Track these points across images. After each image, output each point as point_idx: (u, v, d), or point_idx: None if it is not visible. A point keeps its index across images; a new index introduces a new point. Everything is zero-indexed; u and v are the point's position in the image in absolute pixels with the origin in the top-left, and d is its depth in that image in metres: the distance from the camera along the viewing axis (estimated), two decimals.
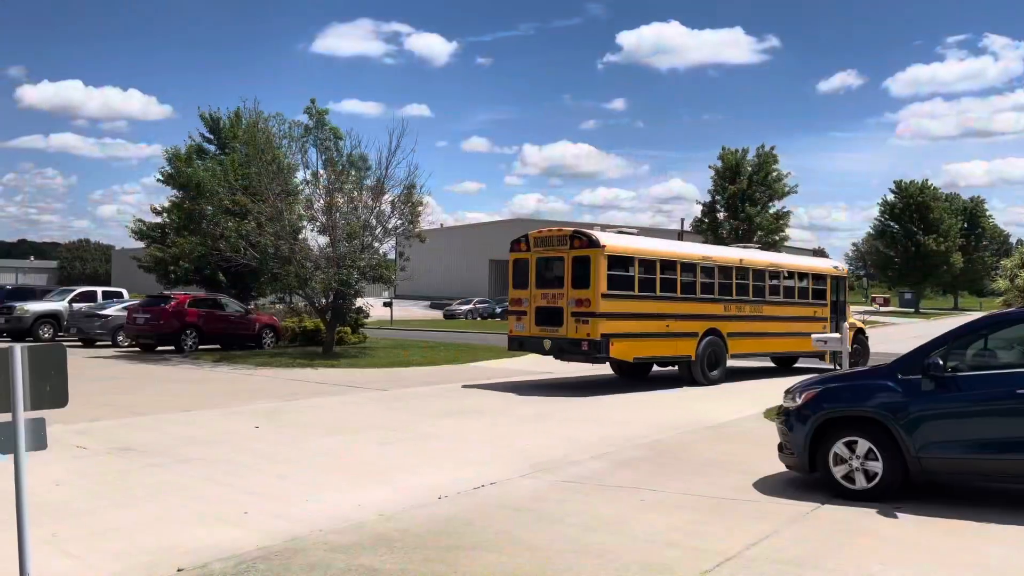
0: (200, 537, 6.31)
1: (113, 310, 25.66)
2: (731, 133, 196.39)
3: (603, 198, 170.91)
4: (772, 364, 21.86)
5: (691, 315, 17.05)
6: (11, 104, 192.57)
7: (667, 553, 5.95)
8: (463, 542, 6.21)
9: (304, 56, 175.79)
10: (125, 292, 30.63)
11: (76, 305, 26.94)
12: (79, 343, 25.37)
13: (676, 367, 17.82)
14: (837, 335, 14.31)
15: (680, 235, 63.40)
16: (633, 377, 18.25)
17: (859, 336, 20.81)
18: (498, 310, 53.46)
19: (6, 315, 26.28)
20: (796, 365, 21.71)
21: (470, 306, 53.38)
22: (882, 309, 64.84)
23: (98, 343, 25.48)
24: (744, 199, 47.38)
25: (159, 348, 23.63)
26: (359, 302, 24.68)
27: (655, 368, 18.97)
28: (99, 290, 29.48)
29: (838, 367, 16.61)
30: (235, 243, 22.16)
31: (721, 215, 48.90)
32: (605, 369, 20.07)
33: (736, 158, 48.91)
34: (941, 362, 7.04)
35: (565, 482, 8.34)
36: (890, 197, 73.36)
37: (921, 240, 69.47)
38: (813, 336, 14.42)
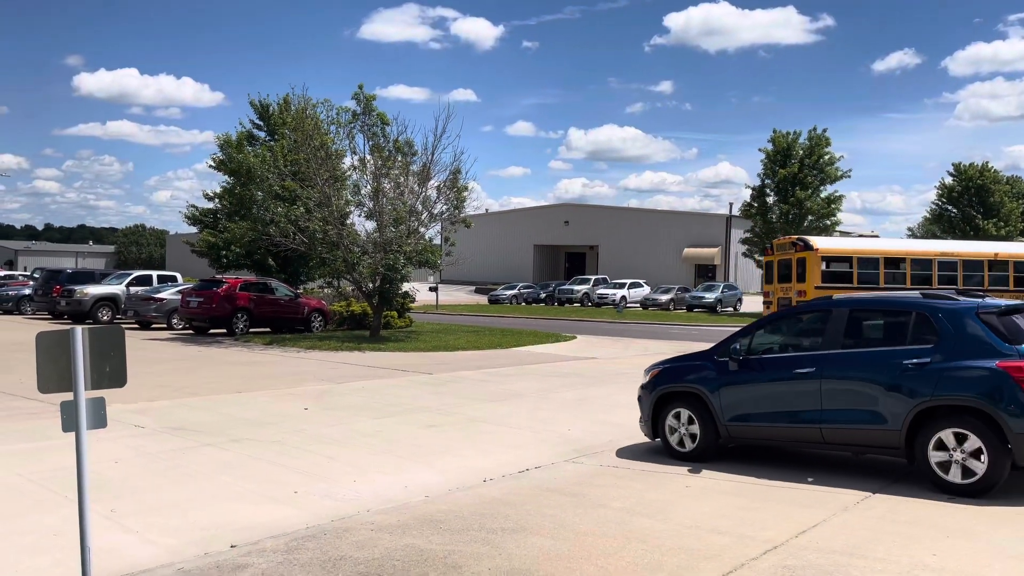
0: (252, 515, 6.47)
1: (168, 294, 26.29)
2: (782, 115, 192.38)
3: (650, 182, 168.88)
4: None
5: None
6: (69, 93, 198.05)
7: (713, 539, 5.91)
8: (508, 525, 6.26)
9: (351, 42, 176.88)
10: (179, 276, 31.36)
11: (133, 289, 27.67)
12: (136, 325, 26.09)
13: None
14: None
15: (728, 220, 62.61)
16: None
17: None
18: (542, 295, 53.33)
19: (67, 298, 27.13)
20: None
21: (515, 291, 53.27)
22: None
23: (153, 326, 26.16)
24: (795, 183, 46.34)
25: (211, 331, 24.17)
26: (405, 287, 24.87)
27: None
28: (154, 274, 30.23)
29: None
30: (284, 228, 22.50)
31: (771, 199, 47.88)
32: (649, 355, 19.90)
33: (787, 141, 47.77)
34: (738, 346, 8.31)
35: (609, 467, 8.33)
36: (948, 180, 70.99)
37: (981, 225, 67.20)
38: None
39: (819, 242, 19.72)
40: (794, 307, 8.88)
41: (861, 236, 22.66)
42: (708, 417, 8.37)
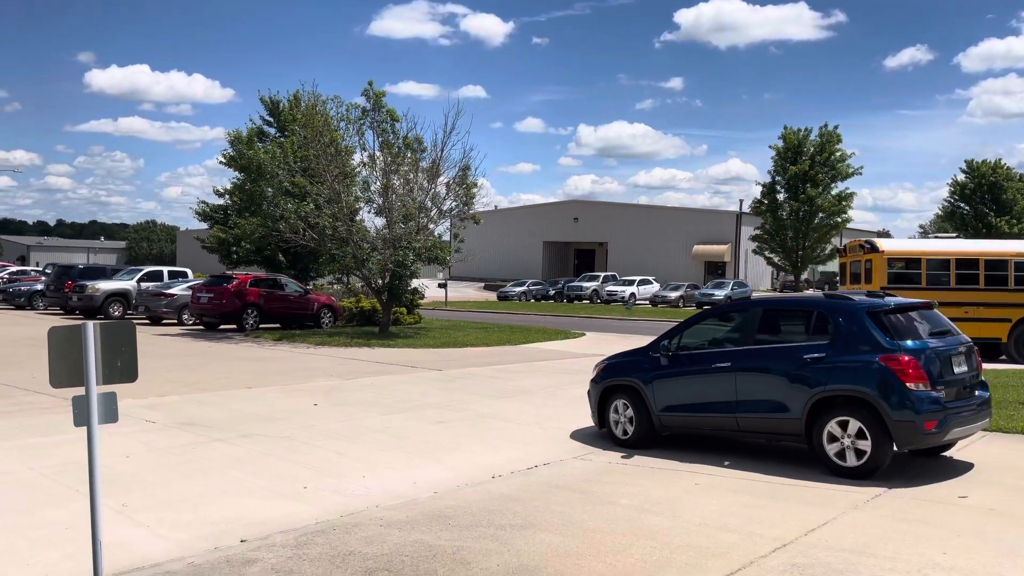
0: (261, 510, 6.50)
1: (178, 289, 26.39)
2: (793, 112, 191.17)
3: (659, 179, 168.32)
4: None
5: (998, 303, 19.21)
6: (81, 89, 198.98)
7: (721, 537, 5.90)
8: (517, 521, 6.26)
9: (361, 39, 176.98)
10: (189, 272, 31.49)
11: (144, 284, 27.80)
12: (146, 321, 26.21)
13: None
14: None
15: (738, 217, 62.38)
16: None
17: None
18: (551, 292, 53.29)
19: (78, 293, 27.28)
20: None
21: (524, 288, 53.21)
22: None
23: (164, 321, 26.29)
24: (806, 180, 46.15)
25: (222, 327, 24.26)
26: (415, 283, 24.89)
27: None
28: (165, 270, 30.35)
29: None
30: (294, 224, 22.55)
31: (781, 196, 47.72)
32: None
33: (798, 138, 47.61)
34: (667, 343, 9.04)
35: (618, 464, 8.33)
36: (960, 177, 70.64)
37: (993, 222, 66.77)
38: None
39: (885, 244, 20.19)
40: (717, 307, 9.92)
41: (938, 237, 22.72)
42: (643, 408, 9.04)
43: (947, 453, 8.62)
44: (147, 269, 30.04)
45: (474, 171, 23.23)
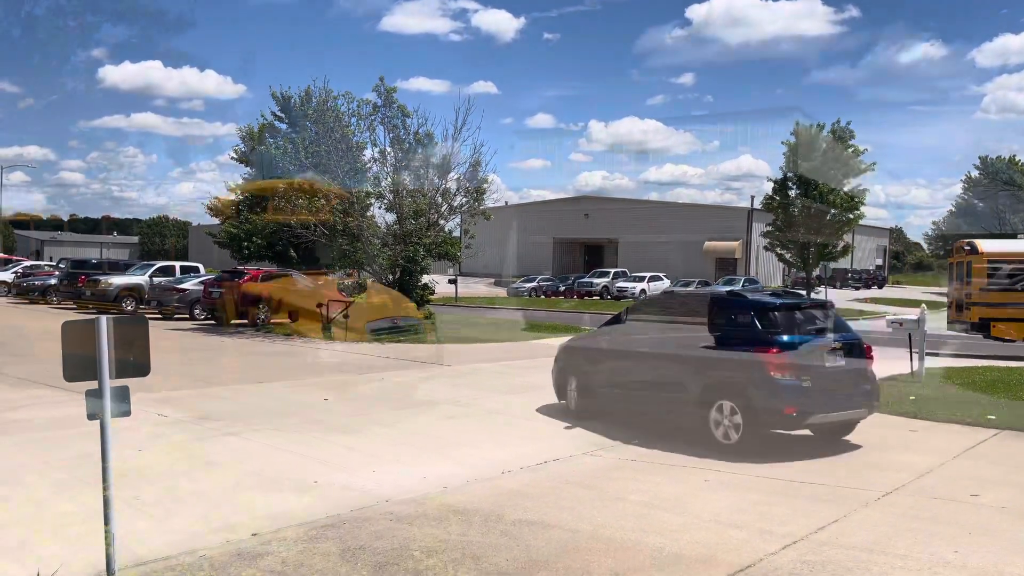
0: (272, 503, 6.53)
1: (190, 284, 26.50)
2: (805, 108, 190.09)
3: (670, 175, 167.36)
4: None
5: None
6: (94, 85, 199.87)
7: (731, 534, 5.89)
8: (526, 516, 6.27)
9: (372, 35, 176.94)
10: (201, 267, 31.63)
11: (156, 279, 27.95)
12: (159, 315, 26.35)
13: None
14: (913, 317, 13.87)
15: (750, 213, 62.11)
16: None
17: None
18: (562, 288, 53.17)
19: (92, 288, 27.46)
20: None
21: (534, 284, 53.04)
22: None
23: (176, 316, 26.42)
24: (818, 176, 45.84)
25: (233, 321, 24.34)
26: (425, 279, 24.94)
27: None
28: (177, 265, 30.50)
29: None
30: (305, 220, 22.62)
31: (793, 193, 47.42)
32: None
33: (810, 134, 47.30)
34: (608, 328, 10.40)
35: (628, 460, 8.32)
36: (974, 174, 70.17)
37: (1008, 219, 66.25)
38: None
39: (985, 245, 20.74)
40: (648, 298, 11.62)
41: None
42: (587, 384, 10.30)
43: (848, 437, 9.11)
44: (159, 264, 30.21)
45: (484, 167, 23.28)
